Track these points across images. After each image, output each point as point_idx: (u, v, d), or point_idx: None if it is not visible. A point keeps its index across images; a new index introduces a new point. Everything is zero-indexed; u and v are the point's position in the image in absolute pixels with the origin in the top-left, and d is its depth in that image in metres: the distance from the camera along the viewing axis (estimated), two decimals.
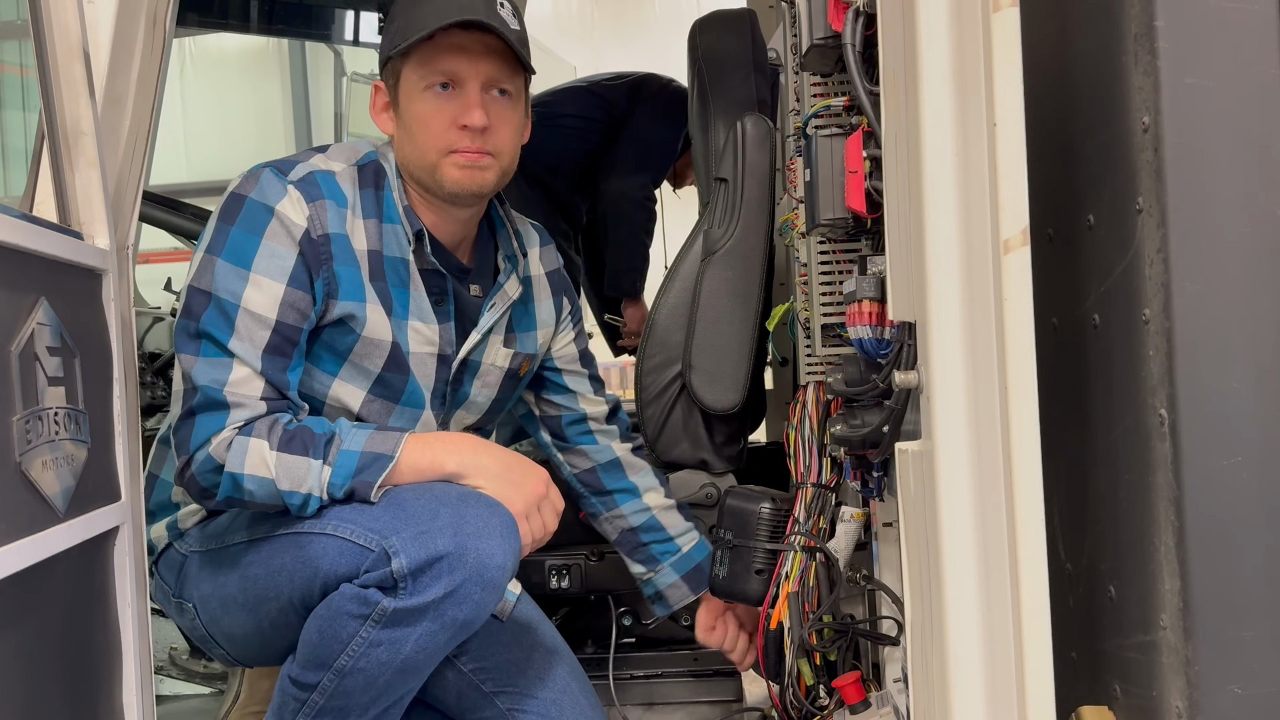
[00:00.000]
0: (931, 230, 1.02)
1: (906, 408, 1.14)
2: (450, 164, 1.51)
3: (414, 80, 1.51)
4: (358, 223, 1.52)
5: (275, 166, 1.51)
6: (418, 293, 1.57)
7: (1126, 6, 1.01)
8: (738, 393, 1.88)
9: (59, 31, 1.18)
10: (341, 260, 1.49)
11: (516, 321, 1.71)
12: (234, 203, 1.48)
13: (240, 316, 1.43)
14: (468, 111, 1.49)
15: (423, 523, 1.36)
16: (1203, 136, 0.98)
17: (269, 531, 1.47)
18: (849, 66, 1.18)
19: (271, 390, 1.45)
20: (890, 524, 1.46)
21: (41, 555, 1.05)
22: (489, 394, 1.70)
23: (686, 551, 1.80)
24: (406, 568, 1.34)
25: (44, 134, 1.19)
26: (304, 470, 1.40)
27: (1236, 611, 0.97)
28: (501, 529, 1.39)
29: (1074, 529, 1.16)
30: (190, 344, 1.45)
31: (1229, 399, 0.97)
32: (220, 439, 1.42)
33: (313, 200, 1.48)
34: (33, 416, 1.03)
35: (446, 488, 1.43)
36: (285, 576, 1.44)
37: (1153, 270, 1.00)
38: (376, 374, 1.55)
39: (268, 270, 1.45)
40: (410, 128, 1.52)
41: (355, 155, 1.57)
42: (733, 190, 1.88)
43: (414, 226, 1.55)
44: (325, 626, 1.39)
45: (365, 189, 1.54)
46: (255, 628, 1.52)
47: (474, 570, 1.35)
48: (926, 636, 1.10)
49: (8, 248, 1.02)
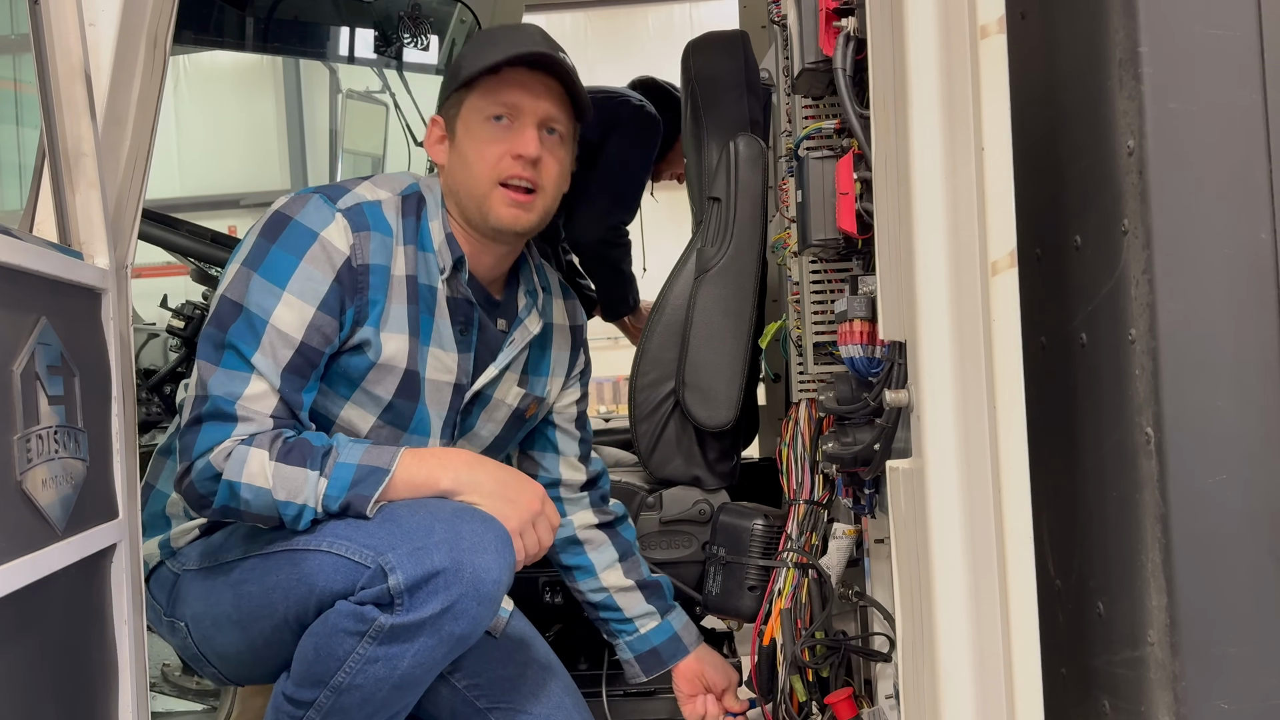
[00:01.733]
0: (921, 252, 1.04)
1: (897, 426, 1.16)
2: (499, 199, 1.55)
3: (475, 110, 1.56)
4: (399, 249, 1.55)
5: (324, 193, 1.54)
6: (442, 320, 1.59)
7: (1111, 32, 1.03)
8: (731, 410, 1.89)
9: (61, 54, 1.19)
10: (377, 289, 1.52)
11: (532, 364, 1.73)
12: (279, 222, 1.51)
13: (267, 333, 1.45)
14: (523, 142, 1.54)
15: (418, 538, 1.37)
16: (1186, 159, 1.00)
17: (262, 549, 1.48)
18: (840, 90, 1.20)
19: (284, 409, 1.46)
20: (882, 541, 1.47)
21: (41, 573, 1.05)
22: (493, 429, 1.71)
23: (644, 634, 1.79)
24: (403, 584, 1.35)
25: (45, 154, 1.20)
26: (300, 481, 1.41)
27: (1223, 627, 0.98)
28: (497, 543, 1.40)
29: (1063, 546, 1.17)
30: (214, 353, 1.46)
31: (1214, 417, 0.99)
32: (221, 448, 1.43)
33: (358, 230, 1.51)
34: (33, 435, 1.04)
35: (441, 503, 1.44)
36: (280, 594, 1.44)
37: (1138, 290, 1.01)
38: (387, 401, 1.56)
39: (301, 292, 1.47)
40: (466, 156, 1.57)
41: (400, 185, 1.61)
42: (726, 209, 1.90)
43: (454, 254, 1.58)
44: (321, 643, 1.40)
45: (407, 217, 1.58)
46: (248, 645, 1.52)
47: (470, 585, 1.36)
48: (918, 653, 1.11)
49: (9, 268, 1.03)
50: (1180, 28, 1.00)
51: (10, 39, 3.83)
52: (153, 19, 1.33)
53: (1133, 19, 1.01)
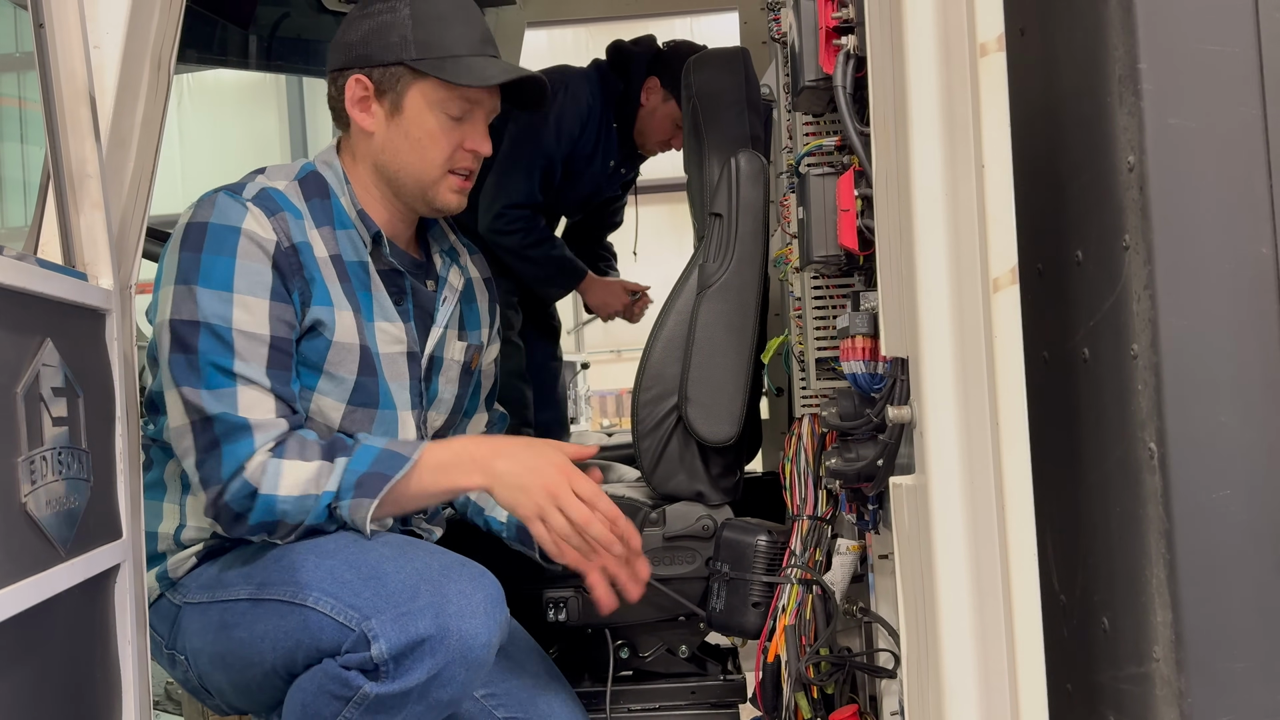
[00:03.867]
0: (922, 268, 1.04)
1: (900, 442, 1.16)
2: (447, 185, 1.61)
3: (435, 102, 1.58)
4: (314, 232, 1.56)
5: (226, 190, 1.54)
6: (380, 294, 1.60)
7: (1111, 49, 1.04)
8: (733, 425, 1.89)
9: (65, 76, 1.20)
10: (311, 268, 1.53)
11: (465, 318, 1.76)
12: (196, 230, 1.50)
13: (236, 339, 1.44)
14: (478, 140, 1.61)
15: (403, 603, 1.34)
16: (1187, 175, 1.01)
17: (254, 593, 1.47)
18: (840, 108, 1.21)
19: (284, 406, 1.47)
20: (886, 556, 1.47)
21: (44, 594, 1.05)
22: (453, 390, 1.73)
23: None
24: (387, 653, 1.33)
25: (49, 176, 1.21)
26: (327, 471, 1.45)
27: (1228, 643, 0.98)
28: (486, 604, 1.37)
29: (1067, 561, 1.17)
30: (192, 376, 1.45)
31: (1217, 432, 0.99)
32: (255, 463, 1.43)
33: (273, 214, 1.51)
34: (37, 457, 1.04)
35: (429, 557, 1.42)
36: (268, 643, 1.44)
37: (1140, 306, 1.01)
38: (353, 382, 1.56)
39: (249, 288, 1.46)
40: (418, 141, 1.58)
41: (293, 171, 1.62)
42: (727, 225, 1.90)
43: (370, 229, 1.60)
44: (309, 701, 1.39)
45: (311, 199, 1.58)
46: (243, 686, 1.51)
47: (457, 652, 1.34)
48: (923, 669, 1.11)
49: (15, 291, 1.03)
50: (1180, 44, 1.01)
51: (15, 57, 3.85)
52: (157, 40, 1.34)
53: (1132, 35, 1.01)
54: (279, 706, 1.47)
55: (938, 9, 1.03)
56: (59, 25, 1.19)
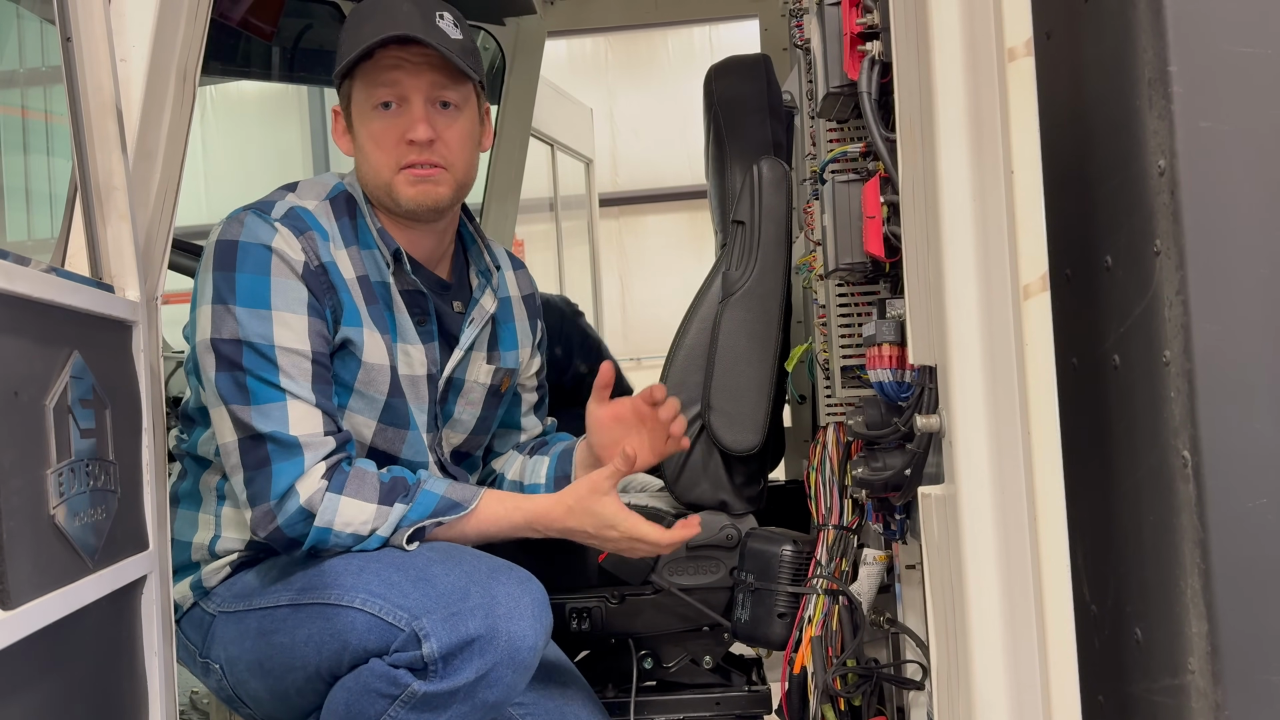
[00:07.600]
0: (951, 275, 1.03)
1: (928, 451, 1.14)
2: (403, 181, 1.53)
3: (361, 100, 1.54)
4: (341, 252, 1.55)
5: (255, 209, 1.54)
6: (401, 316, 1.59)
7: (1140, 52, 1.03)
8: (757, 434, 1.88)
9: (93, 90, 1.21)
10: (341, 288, 1.52)
11: (499, 340, 1.74)
12: (227, 249, 1.50)
13: (280, 356, 1.45)
14: (412, 126, 1.51)
15: (453, 603, 1.36)
16: (1218, 178, 0.99)
17: (295, 598, 1.48)
18: (865, 115, 1.20)
19: (331, 422, 1.47)
20: (913, 566, 1.45)
21: (73, 606, 1.05)
22: (473, 412, 1.71)
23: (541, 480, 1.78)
24: (437, 652, 1.34)
25: (76, 189, 1.21)
26: (384, 515, 1.47)
27: (1266, 655, 0.96)
28: (534, 607, 1.39)
29: (1099, 571, 1.15)
30: (239, 393, 1.46)
31: (1253, 440, 0.97)
32: (311, 488, 1.44)
33: (301, 233, 1.51)
34: (65, 469, 1.04)
35: (477, 559, 1.44)
36: (312, 647, 1.44)
37: (1172, 312, 1.00)
38: (383, 402, 1.57)
39: (287, 305, 1.47)
40: (364, 148, 1.56)
41: (324, 189, 1.61)
42: (750, 233, 1.90)
43: (390, 247, 1.58)
44: (354, 700, 1.39)
45: (340, 219, 1.57)
46: (281, 693, 1.52)
47: (506, 653, 1.35)
48: (952, 681, 1.10)
49: (42, 303, 1.04)
50: (1210, 46, 1.00)
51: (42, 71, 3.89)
52: (182, 53, 1.35)
53: (1162, 38, 1.00)
54: (315, 713, 1.47)
55: (964, 13, 1.02)
56: (86, 39, 1.19)
